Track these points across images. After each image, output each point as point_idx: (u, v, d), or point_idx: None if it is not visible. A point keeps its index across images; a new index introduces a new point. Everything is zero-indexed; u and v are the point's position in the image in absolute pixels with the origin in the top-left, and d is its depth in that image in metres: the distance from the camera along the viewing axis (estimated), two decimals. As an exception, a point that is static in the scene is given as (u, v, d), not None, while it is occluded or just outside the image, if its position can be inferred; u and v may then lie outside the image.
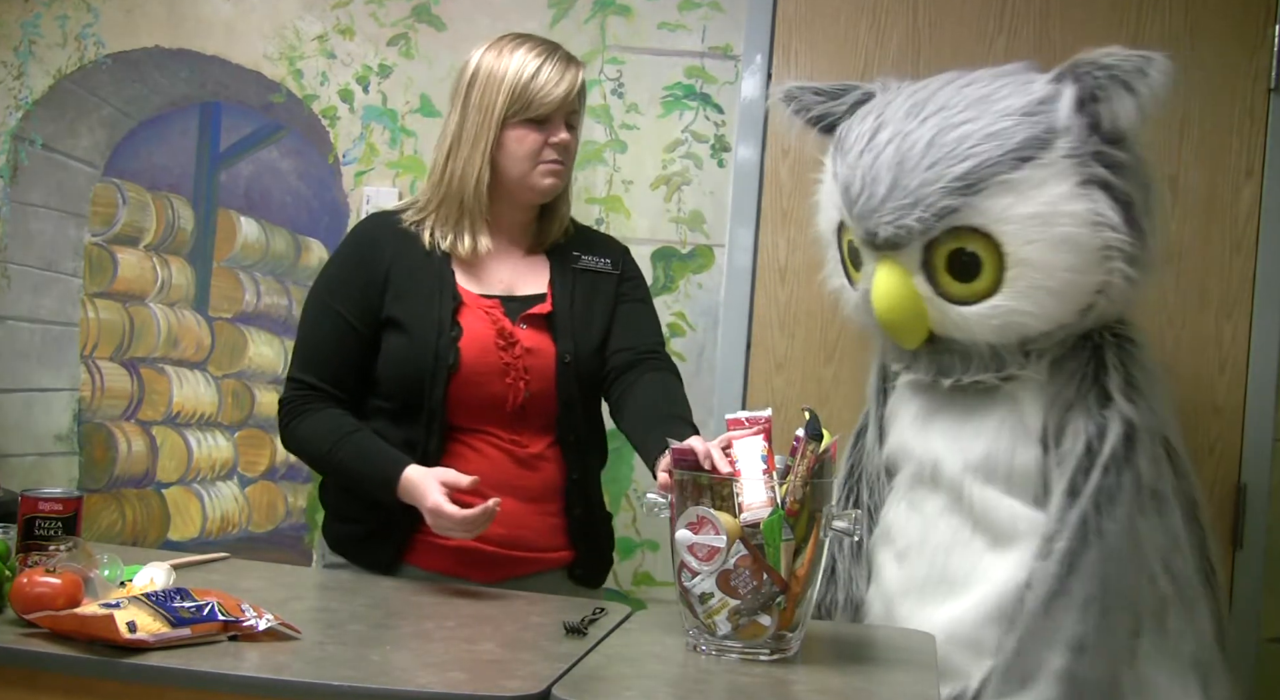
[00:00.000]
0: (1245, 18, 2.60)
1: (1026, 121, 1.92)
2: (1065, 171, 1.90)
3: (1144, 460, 1.95)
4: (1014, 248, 1.92)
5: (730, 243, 2.75)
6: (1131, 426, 1.94)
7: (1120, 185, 1.93)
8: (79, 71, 2.92)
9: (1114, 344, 2.01)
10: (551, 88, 1.90)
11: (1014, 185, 1.90)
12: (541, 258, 2.02)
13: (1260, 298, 2.59)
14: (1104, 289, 1.95)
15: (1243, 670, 2.55)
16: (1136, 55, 1.87)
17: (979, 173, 1.90)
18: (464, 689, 1.30)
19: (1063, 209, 1.90)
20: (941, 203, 1.91)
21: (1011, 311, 1.95)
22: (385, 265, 1.92)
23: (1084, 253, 1.92)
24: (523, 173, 1.93)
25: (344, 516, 1.97)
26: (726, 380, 2.74)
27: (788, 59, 2.75)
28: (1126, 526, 1.91)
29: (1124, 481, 1.92)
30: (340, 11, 2.86)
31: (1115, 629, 1.89)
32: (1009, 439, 2.00)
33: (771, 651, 1.50)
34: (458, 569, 1.87)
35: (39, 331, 2.92)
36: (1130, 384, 1.98)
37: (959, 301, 1.98)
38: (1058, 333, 1.99)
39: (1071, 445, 1.95)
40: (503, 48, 1.93)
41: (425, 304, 1.90)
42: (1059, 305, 1.95)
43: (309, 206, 2.87)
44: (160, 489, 2.90)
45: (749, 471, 1.48)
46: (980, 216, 1.92)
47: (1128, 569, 1.91)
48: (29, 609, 1.40)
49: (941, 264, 1.98)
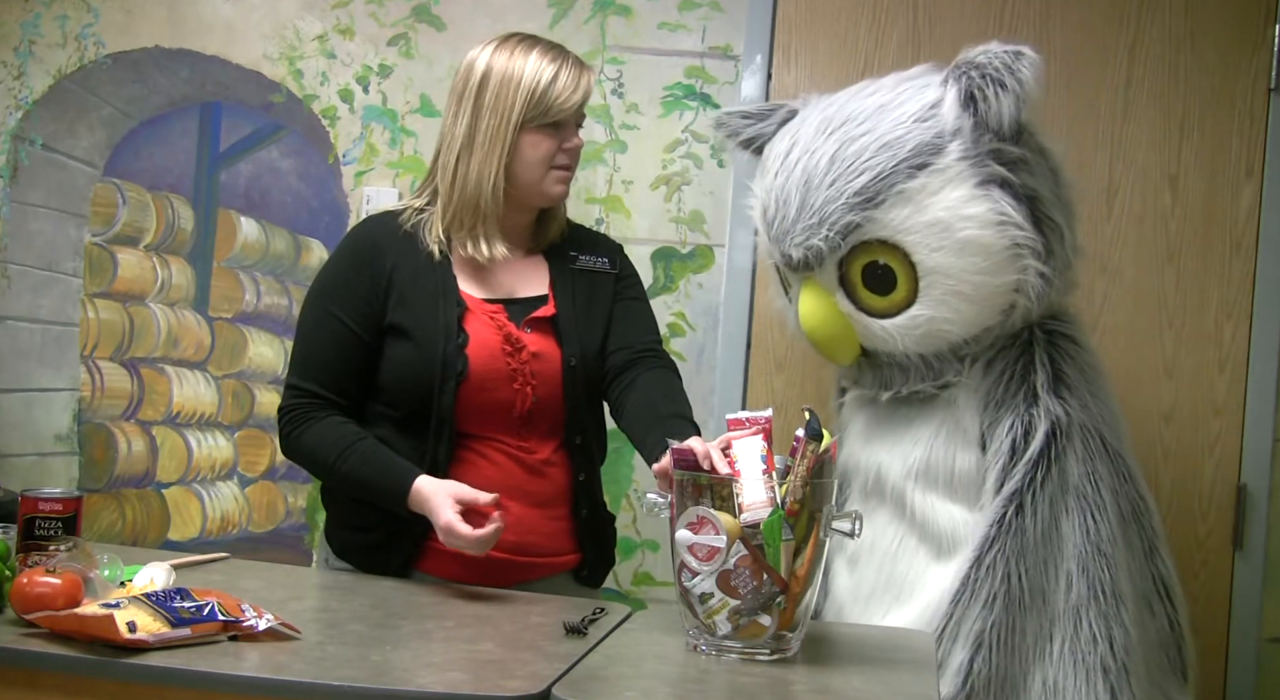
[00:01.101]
0: (1245, 18, 2.60)
1: (918, 127, 1.92)
2: (962, 174, 1.90)
3: (1071, 459, 1.93)
4: (922, 256, 1.92)
5: (730, 243, 2.75)
6: (1057, 424, 1.93)
7: (1021, 181, 1.92)
8: (79, 71, 2.92)
9: (1044, 341, 2.01)
10: (569, 94, 1.89)
11: (911, 194, 1.90)
12: (539, 258, 2.01)
13: (1260, 298, 2.59)
14: (1020, 287, 1.94)
15: (1243, 670, 2.55)
16: (1004, 51, 1.88)
17: (875, 186, 1.90)
18: (464, 689, 1.30)
19: (963, 212, 1.90)
20: (844, 219, 1.92)
21: (930, 320, 1.96)
22: (387, 269, 1.90)
23: (992, 254, 1.92)
24: (536, 178, 1.92)
25: (352, 525, 1.94)
26: (726, 380, 2.74)
27: (788, 59, 2.75)
28: (1046, 526, 1.91)
29: (1047, 480, 1.91)
30: (340, 11, 2.86)
31: (1022, 627, 1.89)
32: (947, 444, 2.01)
33: (771, 651, 1.50)
34: (468, 576, 1.85)
35: (39, 331, 2.92)
36: (1059, 380, 1.97)
37: (880, 315, 1.99)
38: (985, 336, 1.99)
39: (999, 445, 1.95)
40: (513, 50, 1.91)
41: (429, 310, 1.89)
42: (976, 309, 1.95)
43: (309, 206, 2.87)
44: (160, 489, 2.90)
45: (749, 471, 1.48)
46: (884, 229, 1.92)
47: (1040, 568, 1.90)
48: (29, 609, 1.40)
49: (858, 279, 1.99)
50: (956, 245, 1.91)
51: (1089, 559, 1.91)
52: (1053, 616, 1.90)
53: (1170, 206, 2.62)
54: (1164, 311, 2.61)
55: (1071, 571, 1.91)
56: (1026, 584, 1.89)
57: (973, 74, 1.91)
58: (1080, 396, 1.97)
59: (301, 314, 1.97)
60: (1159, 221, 2.61)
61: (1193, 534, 2.59)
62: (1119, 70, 2.62)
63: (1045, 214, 1.95)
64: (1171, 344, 2.61)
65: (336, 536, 1.97)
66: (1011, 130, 1.91)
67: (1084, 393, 1.97)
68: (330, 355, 1.90)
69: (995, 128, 1.90)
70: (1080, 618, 1.90)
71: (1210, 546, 2.59)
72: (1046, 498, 1.91)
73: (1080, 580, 1.90)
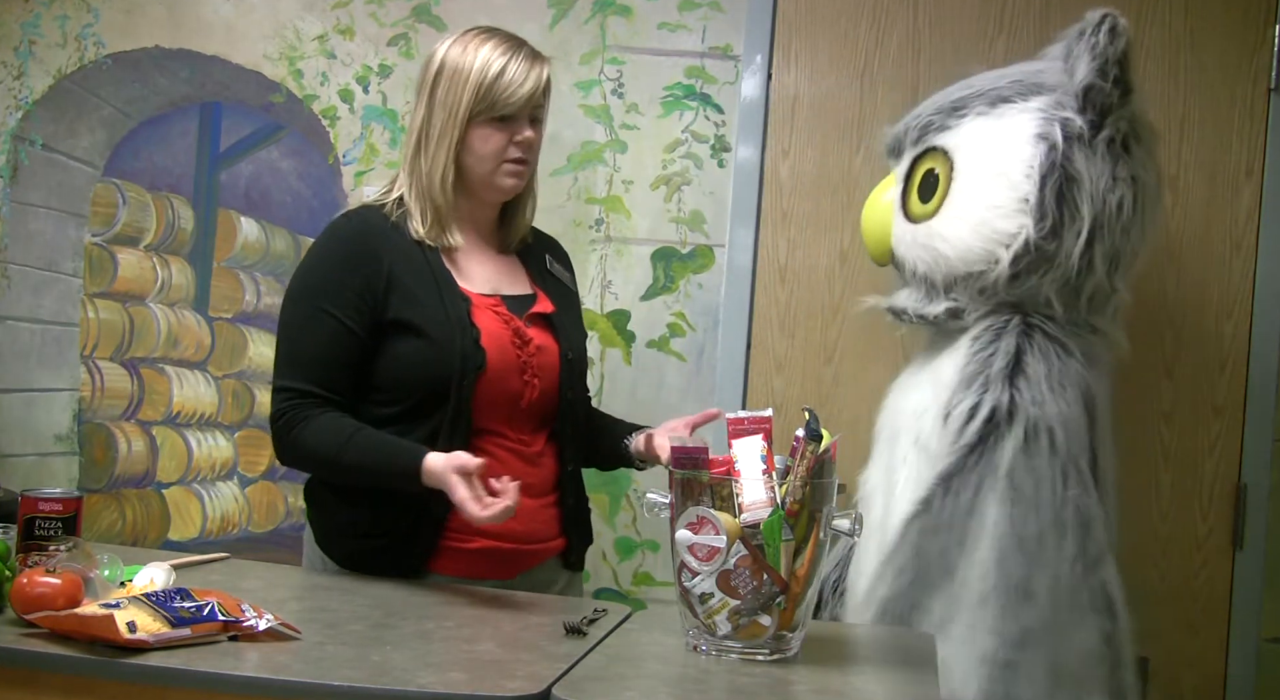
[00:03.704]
0: (1245, 18, 2.60)
1: (1026, 73, 2.07)
2: (1029, 121, 2.00)
3: (1008, 448, 1.94)
4: (960, 173, 2.04)
5: (730, 243, 2.75)
6: (997, 410, 1.95)
7: (1065, 154, 1.96)
8: (79, 71, 2.92)
9: (1020, 329, 2.02)
10: (516, 88, 1.89)
11: (986, 117, 2.05)
12: (514, 258, 2.03)
13: (1260, 298, 2.59)
14: (1008, 242, 1.97)
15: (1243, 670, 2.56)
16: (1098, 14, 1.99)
17: (965, 100, 2.09)
18: (464, 689, 1.30)
19: (1009, 148, 1.99)
20: (927, 117, 2.14)
21: (934, 235, 2.07)
22: (384, 265, 1.87)
23: (1005, 196, 1.98)
24: (486, 172, 1.92)
25: (358, 532, 1.89)
26: (726, 380, 2.74)
27: (788, 59, 2.75)
28: (968, 510, 1.92)
29: (978, 464, 1.93)
30: (340, 11, 2.86)
31: (927, 604, 1.92)
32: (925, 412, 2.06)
33: (771, 651, 1.50)
34: (479, 570, 1.86)
35: (39, 331, 2.92)
36: (1017, 369, 1.98)
37: (913, 220, 2.12)
38: (973, 282, 2.03)
39: (951, 423, 1.98)
40: (468, 43, 1.92)
41: (436, 304, 1.87)
42: (970, 241, 2.01)
43: (309, 206, 2.87)
44: (160, 489, 2.90)
45: (749, 471, 1.48)
46: (951, 137, 2.08)
47: (957, 550, 1.92)
48: (29, 609, 1.40)
49: (916, 181, 2.13)
50: (987, 175, 2.01)
51: (1006, 551, 1.91)
52: (962, 599, 1.92)
53: (1170, 206, 2.62)
54: (1164, 311, 2.61)
55: (987, 560, 1.91)
56: (937, 562, 1.93)
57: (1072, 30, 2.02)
58: (1036, 391, 1.96)
59: (286, 314, 1.91)
60: (1159, 221, 2.62)
61: (1193, 534, 2.60)
62: (1119, 70, 2.62)
63: (1074, 198, 1.96)
64: (1171, 344, 2.61)
65: (339, 546, 1.93)
66: (1084, 94, 1.98)
67: (1042, 388, 1.97)
68: (323, 353, 1.85)
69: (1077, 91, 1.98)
70: (984, 607, 1.91)
71: (1210, 546, 2.59)
72: (973, 482, 1.93)
73: (994, 570, 1.91)
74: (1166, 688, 2.58)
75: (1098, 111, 1.98)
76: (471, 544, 1.85)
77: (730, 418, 1.56)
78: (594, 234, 2.77)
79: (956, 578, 1.92)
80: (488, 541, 1.86)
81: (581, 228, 2.76)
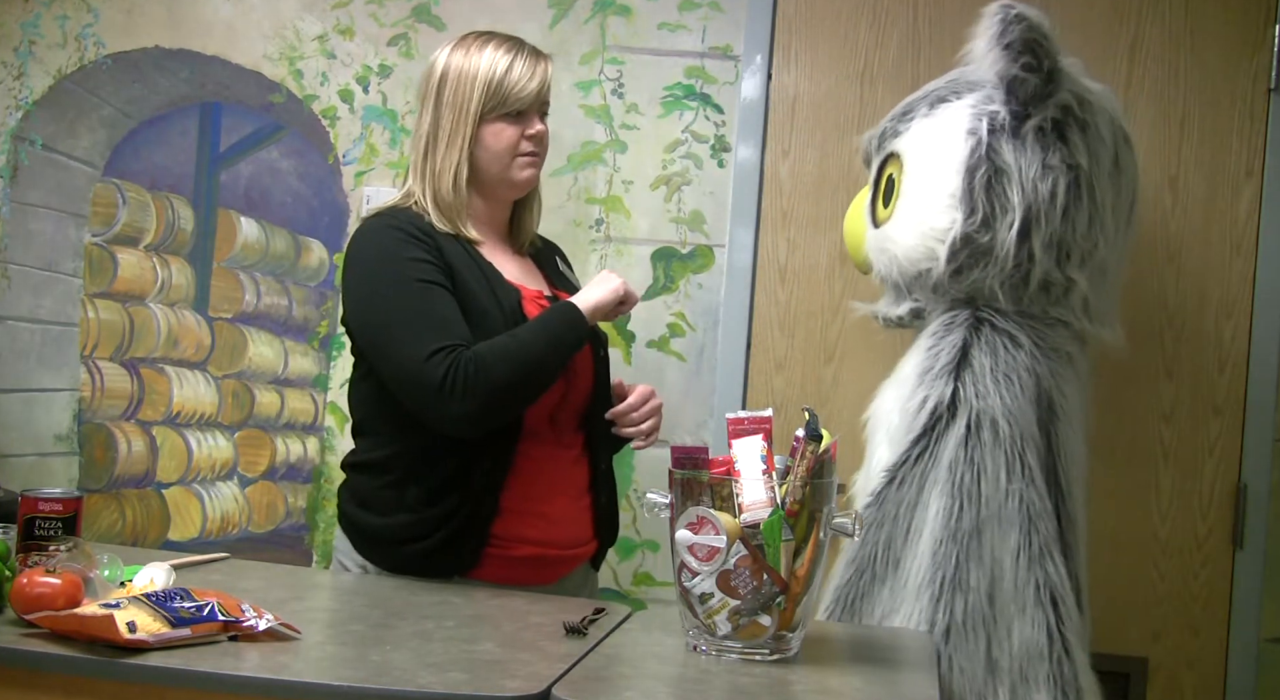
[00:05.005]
0: (1245, 18, 2.60)
1: (963, 72, 2.11)
2: (961, 117, 2.02)
3: (951, 441, 1.95)
4: (906, 176, 2.08)
5: (730, 243, 2.75)
6: (940, 403, 1.97)
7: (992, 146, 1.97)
8: (79, 71, 2.92)
9: (969, 324, 2.03)
10: (526, 82, 1.93)
11: (927, 118, 2.09)
12: (529, 260, 2.06)
13: (1260, 298, 2.59)
14: (943, 238, 1.99)
15: (1243, 670, 2.55)
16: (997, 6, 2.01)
17: (912, 104, 2.14)
18: (464, 689, 1.30)
19: (944, 146, 2.02)
20: (884, 125, 2.19)
21: (885, 238, 2.12)
22: (443, 252, 1.86)
23: (938, 193, 2.01)
24: (502, 167, 1.95)
25: (405, 537, 1.86)
26: (726, 380, 2.74)
27: (788, 59, 2.75)
28: (912, 502, 1.95)
29: (922, 457, 1.96)
30: (340, 11, 2.86)
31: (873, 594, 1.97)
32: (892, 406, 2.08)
33: (771, 651, 1.50)
34: (524, 577, 1.86)
35: (39, 331, 2.92)
36: (962, 363, 2.00)
37: (876, 225, 2.17)
38: (922, 281, 2.06)
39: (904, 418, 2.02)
40: (469, 46, 1.95)
41: (488, 294, 1.87)
42: (912, 240, 2.05)
43: (309, 206, 2.87)
44: (160, 489, 2.90)
45: (749, 471, 1.48)
46: (901, 142, 2.13)
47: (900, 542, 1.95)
48: (29, 609, 1.40)
49: (882, 187, 2.17)
50: (925, 175, 2.05)
51: (941, 542, 1.92)
52: (906, 590, 1.94)
53: (1170, 206, 2.62)
54: (1164, 311, 2.61)
55: (924, 552, 1.93)
56: (881, 554, 1.96)
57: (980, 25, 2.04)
58: (981, 385, 1.97)
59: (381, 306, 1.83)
60: (1159, 221, 2.61)
61: (1193, 534, 2.60)
62: (1119, 70, 2.62)
63: (1003, 189, 1.96)
64: (1171, 344, 2.61)
65: (389, 556, 1.88)
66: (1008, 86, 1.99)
67: (987, 382, 1.97)
68: (449, 312, 1.80)
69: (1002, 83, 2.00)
70: (918, 597, 1.92)
71: (1210, 546, 2.59)
72: (917, 474, 1.96)
73: (929, 561, 1.92)
74: (1166, 688, 2.58)
75: (1021, 101, 1.98)
76: (517, 551, 1.86)
77: (730, 418, 1.56)
78: (594, 234, 2.77)
79: (901, 569, 1.95)
80: (533, 548, 1.87)
81: (581, 228, 2.76)
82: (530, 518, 1.85)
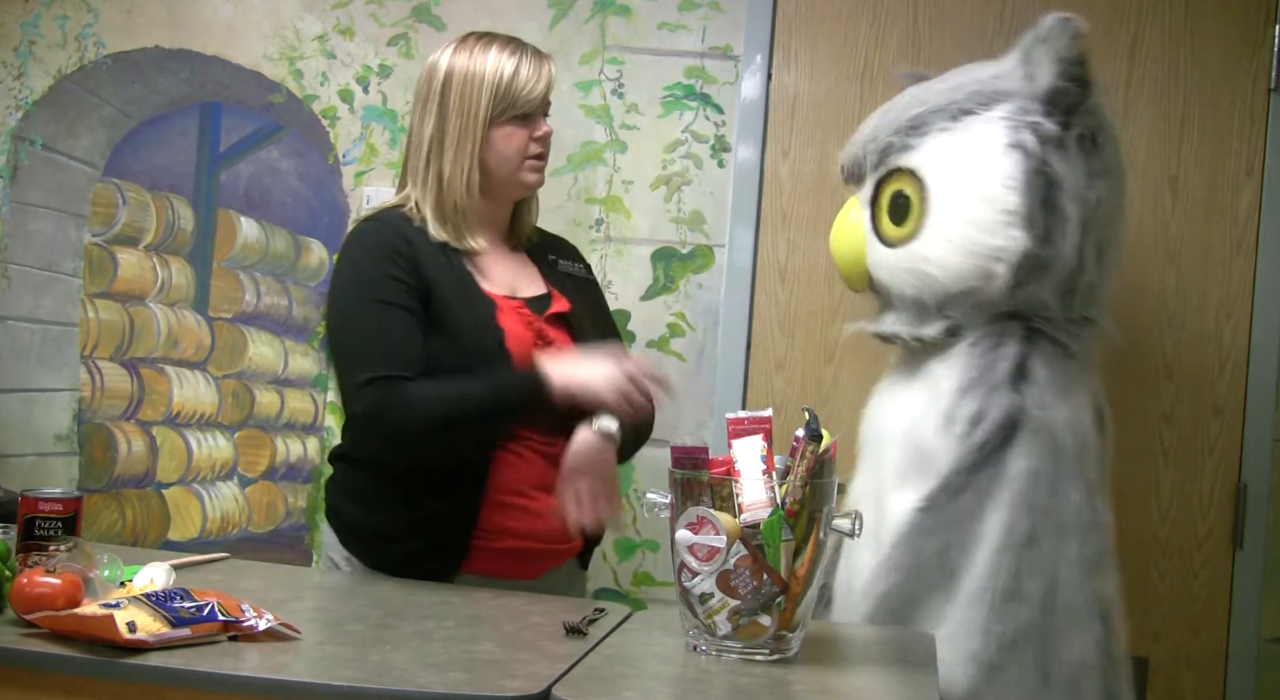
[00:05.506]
0: (1245, 18, 2.60)
1: (980, 82, 2.04)
2: (998, 131, 1.98)
3: (1016, 452, 1.93)
4: (933, 193, 2.01)
5: (730, 243, 2.75)
6: (1008, 415, 1.94)
7: (1044, 158, 1.95)
8: (79, 71, 2.92)
9: (1024, 335, 2.01)
10: (533, 85, 1.93)
11: (951, 133, 2.02)
12: (525, 257, 2.05)
13: (1260, 298, 2.59)
14: (1001, 257, 1.95)
15: (1243, 670, 2.55)
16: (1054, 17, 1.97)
17: (924, 116, 2.05)
18: (464, 689, 1.30)
19: (982, 164, 1.97)
20: (887, 139, 2.09)
21: (921, 258, 2.03)
22: (420, 263, 1.87)
23: (988, 210, 1.96)
24: (512, 170, 1.95)
25: (391, 536, 1.88)
26: (726, 380, 2.74)
27: (788, 59, 2.75)
28: (970, 512, 1.92)
29: (984, 468, 1.93)
30: (340, 11, 2.86)
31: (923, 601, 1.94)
32: (924, 419, 2.03)
33: (771, 651, 1.50)
34: (509, 570, 1.88)
35: (39, 331, 2.92)
36: (1022, 374, 1.98)
37: (889, 244, 2.09)
38: (967, 299, 2.01)
39: (958, 427, 1.98)
40: (472, 49, 1.94)
41: (464, 305, 1.88)
42: (958, 260, 1.99)
43: (309, 206, 2.87)
44: (160, 489, 2.90)
45: (749, 471, 1.48)
46: (914, 157, 2.04)
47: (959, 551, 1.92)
48: (29, 609, 1.39)
49: (885, 204, 2.09)
50: (964, 192, 1.99)
51: (1000, 552, 1.91)
52: (955, 599, 1.92)
53: (1170, 206, 2.62)
54: (1164, 311, 2.61)
55: (981, 562, 1.92)
56: (936, 562, 1.93)
57: (1028, 36, 1.99)
58: (1042, 395, 1.96)
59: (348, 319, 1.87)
60: (1159, 221, 2.61)
61: (1193, 534, 2.60)
62: (1119, 70, 2.62)
63: (1058, 201, 1.95)
64: (1171, 344, 2.61)
65: (372, 552, 1.91)
66: (1049, 97, 1.96)
67: (1047, 393, 1.96)
68: (401, 339, 1.82)
69: (1041, 94, 1.96)
70: (973, 606, 1.91)
71: (1210, 546, 2.59)
72: (977, 485, 1.93)
73: (985, 571, 1.91)
74: (1166, 688, 2.58)
75: (1064, 111, 1.97)
76: (500, 543, 1.87)
77: (730, 418, 1.56)
78: (594, 234, 2.77)
79: (956, 577, 1.92)
80: (516, 541, 1.88)
81: (581, 228, 2.76)
82: (513, 510, 1.85)
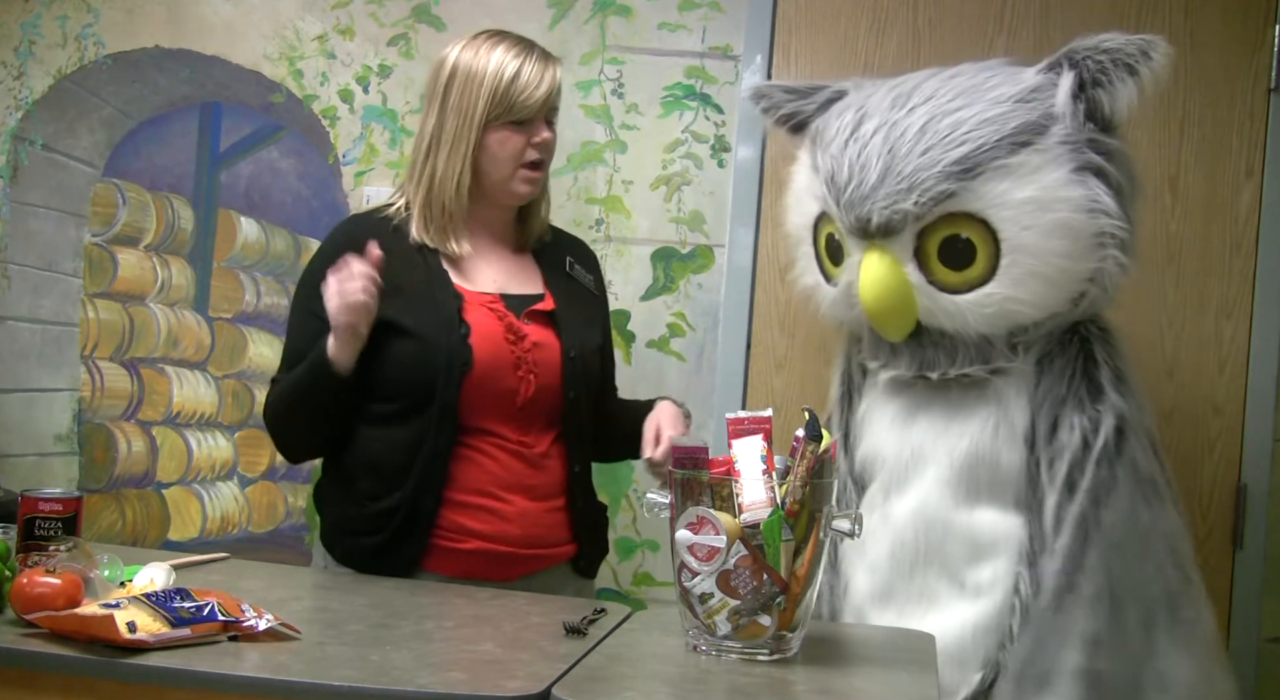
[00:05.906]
0: (1245, 18, 2.60)
1: (1022, 107, 1.93)
2: (1061, 157, 1.91)
3: (1138, 451, 1.95)
4: (1010, 234, 1.91)
5: (730, 243, 2.75)
6: (1123, 419, 1.95)
7: (1113, 172, 1.94)
8: (79, 71, 2.92)
9: (1100, 337, 2.02)
10: (533, 90, 1.91)
11: (1011, 170, 1.90)
12: (529, 258, 2.04)
13: (1260, 298, 2.59)
14: (1096, 277, 1.95)
15: (1243, 670, 2.55)
16: (1139, 39, 1.91)
17: (976, 157, 1.89)
18: (464, 689, 1.30)
19: (1059, 194, 1.91)
20: (939, 187, 1.90)
21: (1006, 299, 1.94)
22: (384, 268, 1.86)
23: (1079, 239, 1.92)
24: (504, 176, 1.94)
25: (353, 530, 1.92)
26: (726, 380, 2.74)
27: (788, 59, 2.75)
28: (1128, 518, 1.91)
29: (1120, 474, 1.92)
30: (340, 11, 2.86)
31: (1127, 623, 1.89)
32: (994, 438, 1.98)
33: (771, 651, 1.50)
34: (475, 571, 1.87)
35: (39, 331, 2.92)
36: (1119, 378, 1.99)
37: (951, 290, 1.96)
38: (1048, 323, 1.99)
39: (1066, 440, 1.94)
40: (479, 47, 1.93)
41: (427, 303, 1.89)
42: (1053, 293, 1.95)
43: (309, 206, 2.87)
44: (160, 489, 2.90)
45: (749, 471, 1.48)
46: (977, 201, 1.91)
47: (1133, 561, 1.91)
48: (29, 609, 1.40)
49: (934, 251, 1.96)
50: (1047, 226, 1.91)
51: (1172, 545, 1.95)
52: (1149, 608, 1.91)
53: (1170, 206, 2.62)
54: (1164, 311, 2.61)
55: (1157, 560, 1.93)
56: (1124, 578, 1.90)
57: (1099, 58, 1.92)
58: (1137, 395, 1.99)
59: (289, 315, 2.02)
60: (1159, 221, 2.61)
61: (1192, 534, 2.59)
62: (1119, 70, 2.62)
63: (1127, 208, 1.96)
64: (1171, 344, 2.61)
65: (339, 544, 1.95)
66: (1118, 120, 1.95)
67: (1138, 391, 2.00)
68: (304, 348, 1.90)
69: (1105, 116, 1.94)
70: (1173, 603, 1.92)
71: (1210, 546, 2.58)
72: (1124, 492, 1.92)
73: (1167, 566, 1.93)
74: (1167, 688, 2.58)
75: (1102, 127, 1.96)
76: (464, 544, 1.87)
77: (730, 418, 1.56)
78: (594, 234, 2.77)
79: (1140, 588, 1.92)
80: (481, 543, 1.87)
81: (581, 228, 2.76)
82: (478, 511, 1.85)
